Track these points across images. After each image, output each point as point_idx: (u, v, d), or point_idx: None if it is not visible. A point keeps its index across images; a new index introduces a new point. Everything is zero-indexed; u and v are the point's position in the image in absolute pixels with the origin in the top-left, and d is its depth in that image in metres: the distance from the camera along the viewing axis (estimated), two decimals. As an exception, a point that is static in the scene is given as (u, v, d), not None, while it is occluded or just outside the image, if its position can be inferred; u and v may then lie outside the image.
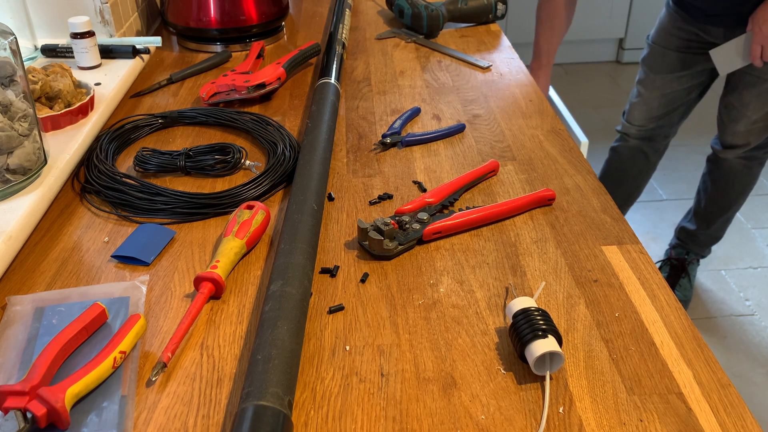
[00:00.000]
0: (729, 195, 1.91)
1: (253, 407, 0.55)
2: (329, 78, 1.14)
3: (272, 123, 1.05)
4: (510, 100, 1.17)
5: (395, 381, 0.63)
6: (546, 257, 0.79)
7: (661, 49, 1.77)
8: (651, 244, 2.28)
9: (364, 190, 0.92)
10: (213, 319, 0.71)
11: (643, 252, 0.80)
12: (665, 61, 1.76)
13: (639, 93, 1.84)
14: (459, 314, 0.71)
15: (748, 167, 1.84)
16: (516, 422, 0.59)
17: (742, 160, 1.82)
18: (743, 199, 1.93)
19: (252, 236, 0.79)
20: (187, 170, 0.94)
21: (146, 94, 1.20)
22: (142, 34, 1.44)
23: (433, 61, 1.33)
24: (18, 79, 0.84)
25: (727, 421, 0.59)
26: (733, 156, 1.82)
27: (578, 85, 3.41)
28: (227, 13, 1.34)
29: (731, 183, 1.89)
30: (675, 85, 1.78)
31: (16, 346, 0.66)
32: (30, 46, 1.25)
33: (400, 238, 0.79)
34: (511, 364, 0.65)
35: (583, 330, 0.69)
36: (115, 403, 0.61)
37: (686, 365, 0.64)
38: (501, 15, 1.52)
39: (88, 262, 0.79)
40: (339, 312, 0.71)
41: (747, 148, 1.79)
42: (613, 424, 0.59)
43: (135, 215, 0.86)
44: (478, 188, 0.92)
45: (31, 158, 0.85)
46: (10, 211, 0.81)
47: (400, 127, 1.05)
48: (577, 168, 0.96)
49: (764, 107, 1.68)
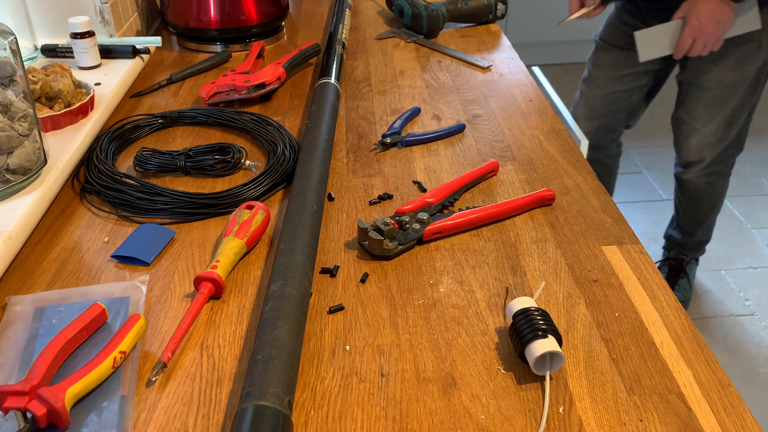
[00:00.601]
0: (700, 210, 1.90)
1: (253, 407, 0.55)
2: (329, 78, 1.14)
3: (272, 123, 1.05)
4: (510, 100, 1.17)
5: (395, 381, 0.63)
6: (546, 257, 0.79)
7: (605, 45, 1.73)
8: (651, 244, 2.28)
9: (364, 190, 0.92)
10: (213, 319, 0.71)
11: (643, 252, 0.80)
12: (608, 58, 1.73)
13: (582, 92, 1.81)
14: (459, 314, 0.71)
15: (710, 184, 1.81)
16: (516, 422, 0.59)
17: (704, 178, 1.79)
18: (717, 210, 1.91)
19: (252, 236, 0.79)
20: (187, 170, 0.94)
21: (146, 94, 1.20)
22: (142, 34, 1.44)
23: (433, 61, 1.33)
24: (18, 79, 0.84)
25: (727, 421, 0.59)
26: (694, 175, 1.79)
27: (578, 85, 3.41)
28: (227, 13, 1.34)
29: (699, 201, 1.88)
30: (617, 84, 1.74)
31: (16, 346, 0.66)
32: (30, 46, 1.25)
33: (400, 238, 0.79)
34: (511, 364, 0.65)
35: (583, 330, 0.69)
36: (115, 403, 0.61)
37: (686, 365, 0.64)
38: (501, 15, 1.52)
39: (88, 262, 0.79)
40: (339, 312, 0.71)
41: (703, 165, 1.75)
42: (613, 424, 0.59)
43: (135, 215, 0.86)
44: (478, 188, 0.92)
45: (31, 158, 0.85)
46: (10, 211, 0.81)
47: (400, 127, 1.05)
48: (577, 168, 0.96)
49: (712, 119, 1.65)
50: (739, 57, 1.53)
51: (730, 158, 1.77)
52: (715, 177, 1.79)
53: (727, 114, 1.63)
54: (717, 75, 1.57)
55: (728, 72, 1.56)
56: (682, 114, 1.70)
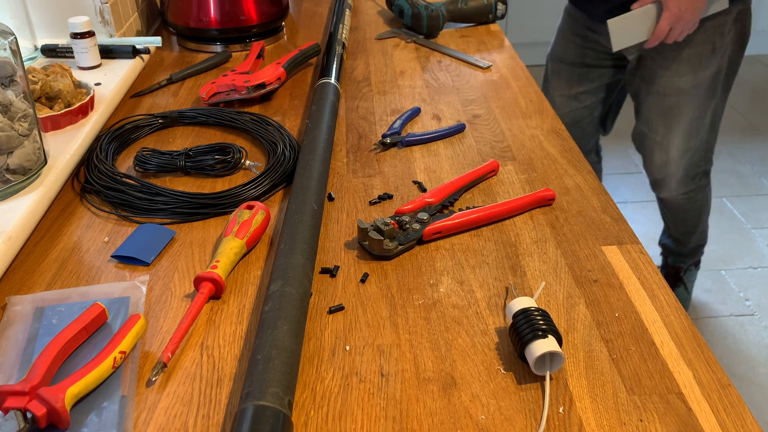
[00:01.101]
0: (688, 222, 1.83)
1: (253, 407, 0.55)
2: (329, 78, 1.14)
3: (272, 123, 1.05)
4: (510, 100, 1.17)
5: (395, 381, 0.63)
6: (546, 257, 0.79)
7: (556, 64, 1.68)
8: (651, 244, 2.28)
9: (364, 190, 0.92)
10: (213, 319, 0.71)
11: (643, 252, 0.80)
12: (561, 78, 1.67)
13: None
14: (459, 314, 0.71)
15: (690, 199, 1.73)
16: (516, 422, 0.59)
17: (681, 196, 1.71)
18: (706, 216, 1.83)
19: (252, 236, 0.79)
20: (187, 170, 0.94)
21: (146, 94, 1.20)
22: (142, 34, 1.44)
23: (433, 61, 1.33)
24: (18, 79, 0.84)
25: (727, 421, 0.59)
26: (670, 194, 1.71)
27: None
28: (227, 13, 1.34)
29: (684, 214, 1.81)
30: (574, 103, 1.69)
31: (16, 346, 0.66)
32: (30, 46, 1.25)
33: (400, 238, 0.79)
34: (511, 364, 0.65)
35: (583, 330, 0.69)
36: (115, 403, 0.60)
37: (686, 365, 0.64)
38: (501, 15, 1.52)
39: (88, 262, 0.79)
40: (339, 312, 0.71)
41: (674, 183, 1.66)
42: (613, 424, 0.59)
43: (135, 215, 0.86)
44: (478, 188, 0.92)
45: (31, 158, 0.85)
46: (10, 211, 0.81)
47: (400, 127, 1.05)
48: (577, 168, 0.96)
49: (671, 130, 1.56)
50: (693, 61, 1.47)
51: (701, 175, 1.69)
52: (693, 192, 1.71)
53: (686, 123, 1.55)
54: (671, 80, 1.50)
55: (682, 77, 1.49)
56: (642, 127, 1.63)
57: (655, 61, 1.50)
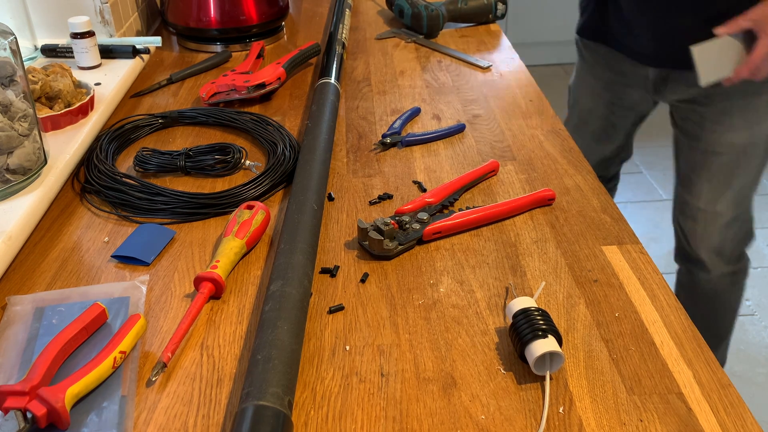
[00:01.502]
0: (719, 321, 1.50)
1: (253, 407, 0.55)
2: (329, 78, 1.14)
3: (272, 123, 1.05)
4: (510, 100, 1.17)
5: (395, 381, 0.63)
6: (546, 257, 0.79)
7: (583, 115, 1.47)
8: (651, 244, 2.28)
9: (364, 190, 0.92)
10: (213, 319, 0.71)
11: (643, 252, 0.80)
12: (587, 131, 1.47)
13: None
14: (459, 314, 0.71)
15: (735, 283, 1.44)
16: (516, 422, 0.59)
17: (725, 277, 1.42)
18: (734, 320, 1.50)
19: (252, 236, 0.79)
20: (187, 170, 0.94)
21: (146, 94, 1.20)
22: (142, 34, 1.44)
23: (433, 61, 1.33)
24: (18, 79, 0.84)
25: (727, 421, 0.59)
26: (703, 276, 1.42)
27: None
28: (227, 13, 1.34)
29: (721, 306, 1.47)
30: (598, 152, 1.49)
31: (16, 346, 0.66)
32: (30, 46, 1.25)
33: (400, 238, 0.79)
34: (511, 364, 0.65)
35: (583, 330, 0.69)
36: (115, 403, 0.60)
37: (686, 365, 0.64)
38: (501, 15, 1.52)
39: (88, 262, 0.79)
40: (339, 312, 0.71)
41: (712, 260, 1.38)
42: (613, 424, 0.59)
43: (135, 215, 0.86)
44: (478, 188, 0.92)
45: (31, 158, 0.85)
46: (10, 211, 0.81)
47: (400, 127, 1.05)
48: (577, 168, 0.96)
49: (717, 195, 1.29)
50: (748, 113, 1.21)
51: (744, 255, 1.43)
52: (737, 276, 1.43)
53: (737, 188, 1.29)
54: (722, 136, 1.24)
55: (737, 132, 1.23)
56: (688, 198, 1.35)
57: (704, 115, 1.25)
